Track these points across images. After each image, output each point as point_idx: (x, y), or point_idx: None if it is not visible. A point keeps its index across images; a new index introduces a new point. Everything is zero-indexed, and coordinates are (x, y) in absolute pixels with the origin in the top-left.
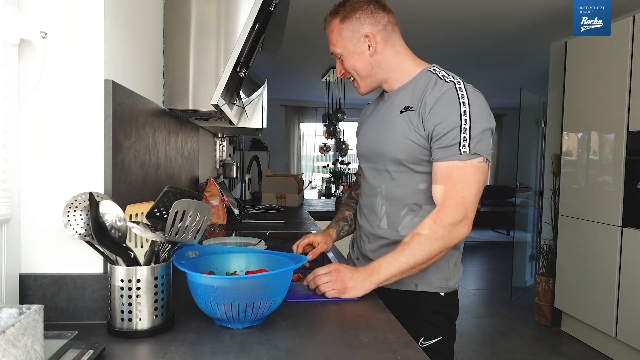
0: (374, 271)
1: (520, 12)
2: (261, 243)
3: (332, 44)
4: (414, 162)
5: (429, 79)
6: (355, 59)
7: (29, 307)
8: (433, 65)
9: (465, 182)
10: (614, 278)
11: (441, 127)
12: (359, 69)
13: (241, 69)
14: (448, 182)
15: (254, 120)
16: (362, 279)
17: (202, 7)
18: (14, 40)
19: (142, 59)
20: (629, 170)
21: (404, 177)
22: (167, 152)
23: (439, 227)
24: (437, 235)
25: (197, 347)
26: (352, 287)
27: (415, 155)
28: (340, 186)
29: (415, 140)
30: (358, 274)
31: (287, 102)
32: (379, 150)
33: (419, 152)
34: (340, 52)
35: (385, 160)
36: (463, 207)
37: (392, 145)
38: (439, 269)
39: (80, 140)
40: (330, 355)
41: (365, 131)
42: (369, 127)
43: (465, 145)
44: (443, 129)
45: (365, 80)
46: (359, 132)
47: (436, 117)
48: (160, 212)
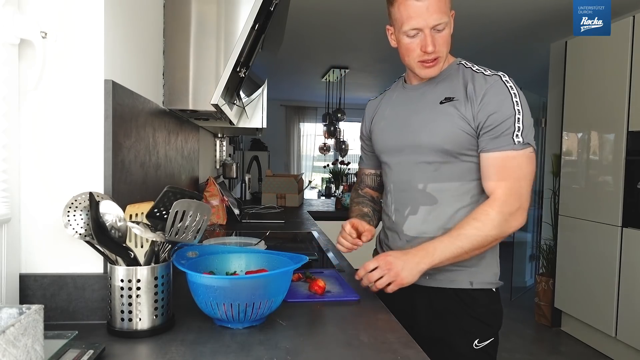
0: (427, 254)
1: (520, 12)
2: (261, 243)
3: (439, 11)
4: (460, 153)
5: (463, 72)
6: (449, 31)
7: (29, 307)
8: (459, 58)
9: (520, 171)
10: (614, 278)
11: (495, 117)
12: (449, 42)
13: (241, 69)
14: (503, 172)
15: (254, 120)
16: (416, 263)
17: (202, 7)
18: (13, 40)
19: (142, 59)
20: (629, 170)
21: (447, 168)
22: (167, 152)
23: (496, 215)
24: (494, 222)
25: (197, 347)
26: (406, 275)
27: (463, 145)
28: (340, 186)
29: (465, 129)
30: (410, 258)
31: (287, 102)
32: (417, 142)
33: (467, 142)
34: (446, 21)
35: (426, 152)
36: (518, 196)
37: (438, 136)
38: (489, 265)
39: (80, 140)
40: (330, 355)
41: (392, 124)
42: (397, 119)
43: (519, 135)
44: (497, 119)
45: (444, 60)
46: (377, 127)
47: (489, 107)
48: (160, 212)
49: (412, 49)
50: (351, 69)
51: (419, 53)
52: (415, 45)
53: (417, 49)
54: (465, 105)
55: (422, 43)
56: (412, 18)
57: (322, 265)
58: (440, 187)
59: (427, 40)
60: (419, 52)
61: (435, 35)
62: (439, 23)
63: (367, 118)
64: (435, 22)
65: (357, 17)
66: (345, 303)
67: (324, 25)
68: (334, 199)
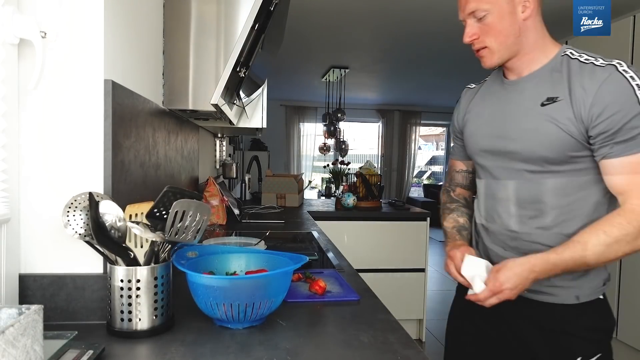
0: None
1: None
2: (261, 243)
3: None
4: (560, 162)
5: (568, 64)
6: (503, 20)
7: (28, 307)
8: (567, 47)
9: None
10: (614, 278)
11: (616, 118)
12: (502, 33)
13: (241, 69)
14: (637, 178)
15: (254, 120)
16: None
17: (202, 7)
18: (13, 40)
19: (142, 58)
20: None
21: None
22: (167, 152)
23: (632, 229)
24: (628, 237)
25: (197, 347)
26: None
27: (566, 153)
28: (340, 186)
29: (572, 133)
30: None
31: (287, 102)
32: (513, 148)
33: (573, 148)
34: (487, 8)
35: (522, 159)
36: None
37: (538, 144)
38: (598, 272)
39: (80, 140)
40: (330, 355)
41: (487, 125)
42: (492, 119)
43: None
44: (620, 120)
45: (501, 51)
46: (470, 123)
47: (606, 106)
48: (160, 212)
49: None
50: (351, 69)
51: None
52: None
53: None
54: (573, 106)
55: None
56: (459, 9)
57: (322, 265)
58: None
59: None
60: None
61: (476, 24)
62: (475, 10)
63: (461, 107)
64: (470, 10)
65: (357, 16)
66: (345, 303)
67: (324, 25)
68: (334, 199)
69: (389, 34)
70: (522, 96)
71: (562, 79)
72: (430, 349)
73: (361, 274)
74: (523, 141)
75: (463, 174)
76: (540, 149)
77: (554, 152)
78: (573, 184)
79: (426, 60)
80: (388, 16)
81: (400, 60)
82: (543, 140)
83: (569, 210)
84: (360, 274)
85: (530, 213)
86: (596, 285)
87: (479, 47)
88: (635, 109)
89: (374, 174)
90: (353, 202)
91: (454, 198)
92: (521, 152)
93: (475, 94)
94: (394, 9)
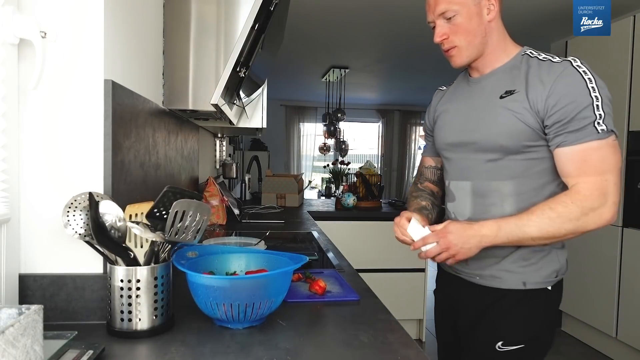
0: (490, 232)
1: (520, 12)
2: (261, 243)
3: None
4: (517, 151)
5: (527, 61)
6: (471, 21)
7: (28, 308)
8: (526, 47)
9: (605, 162)
10: (614, 278)
11: (569, 108)
12: (470, 33)
13: (241, 69)
14: (585, 165)
15: (254, 120)
16: (477, 242)
17: (202, 7)
18: (13, 40)
19: (142, 59)
20: (629, 170)
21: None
22: (167, 152)
23: (575, 208)
24: (571, 215)
25: (197, 347)
26: (464, 254)
27: (522, 142)
28: (340, 186)
29: (529, 123)
30: (471, 236)
31: (287, 102)
32: (474, 139)
33: (529, 138)
34: (457, 9)
35: (482, 149)
36: (605, 190)
37: (497, 133)
38: (550, 261)
39: (80, 140)
40: (330, 355)
41: (452, 120)
42: (456, 115)
43: (601, 123)
44: (573, 110)
45: (469, 49)
46: (439, 120)
47: (560, 97)
48: (160, 212)
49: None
50: (351, 69)
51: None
52: None
53: None
54: (530, 97)
55: None
56: (426, 12)
57: (322, 265)
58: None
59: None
60: None
61: (445, 25)
62: (445, 11)
63: (432, 107)
64: (440, 11)
65: (357, 17)
66: (345, 303)
67: (324, 25)
68: (334, 199)
69: (389, 33)
70: (483, 91)
71: (520, 75)
72: (430, 349)
73: (361, 274)
74: (482, 131)
75: (432, 169)
76: (498, 137)
77: (511, 140)
78: (529, 172)
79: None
80: (388, 16)
81: (401, 60)
82: (501, 129)
83: (526, 198)
84: (360, 274)
85: (490, 201)
86: (545, 275)
87: (449, 47)
88: (587, 100)
89: (374, 174)
90: (353, 202)
91: (420, 188)
92: (481, 141)
93: (445, 94)
94: (394, 8)
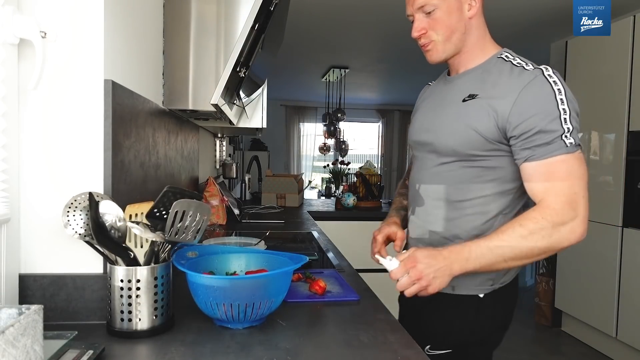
0: (460, 259)
1: (520, 12)
2: (261, 243)
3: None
4: (467, 157)
5: (501, 66)
6: (451, 16)
7: (28, 307)
8: (505, 50)
9: (573, 176)
10: (614, 278)
11: (538, 119)
12: (449, 28)
13: (241, 69)
14: (552, 179)
15: (254, 120)
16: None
17: (202, 7)
18: (13, 40)
19: (142, 59)
20: (629, 170)
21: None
22: (167, 152)
23: (546, 223)
24: (543, 232)
25: (197, 347)
26: (437, 286)
27: (472, 150)
28: (340, 186)
29: (483, 131)
30: (442, 267)
31: (287, 102)
32: (429, 139)
33: (480, 147)
34: (436, 4)
35: (436, 151)
36: (574, 204)
37: (450, 136)
38: None
39: (80, 140)
40: (330, 355)
41: (419, 118)
42: (423, 113)
43: (569, 137)
44: (541, 120)
45: (447, 45)
46: (413, 117)
47: (527, 108)
48: (160, 212)
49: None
50: (351, 69)
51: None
52: None
53: None
54: (492, 104)
55: None
56: (406, 4)
57: (322, 265)
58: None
59: (416, 23)
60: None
61: (424, 19)
62: (425, 4)
63: (416, 103)
64: (419, 4)
65: (357, 16)
66: (345, 303)
67: (324, 25)
68: (334, 199)
69: (389, 33)
70: (452, 92)
71: (489, 79)
72: None
73: (361, 274)
74: (437, 133)
75: None
76: (452, 142)
77: (462, 147)
78: (479, 180)
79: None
80: (388, 16)
81: (400, 60)
82: (454, 134)
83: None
84: (360, 274)
85: (437, 204)
86: (477, 282)
87: (426, 42)
88: (555, 112)
89: (374, 174)
90: (353, 202)
91: (405, 185)
92: (436, 143)
93: (426, 90)
94: (394, 8)
